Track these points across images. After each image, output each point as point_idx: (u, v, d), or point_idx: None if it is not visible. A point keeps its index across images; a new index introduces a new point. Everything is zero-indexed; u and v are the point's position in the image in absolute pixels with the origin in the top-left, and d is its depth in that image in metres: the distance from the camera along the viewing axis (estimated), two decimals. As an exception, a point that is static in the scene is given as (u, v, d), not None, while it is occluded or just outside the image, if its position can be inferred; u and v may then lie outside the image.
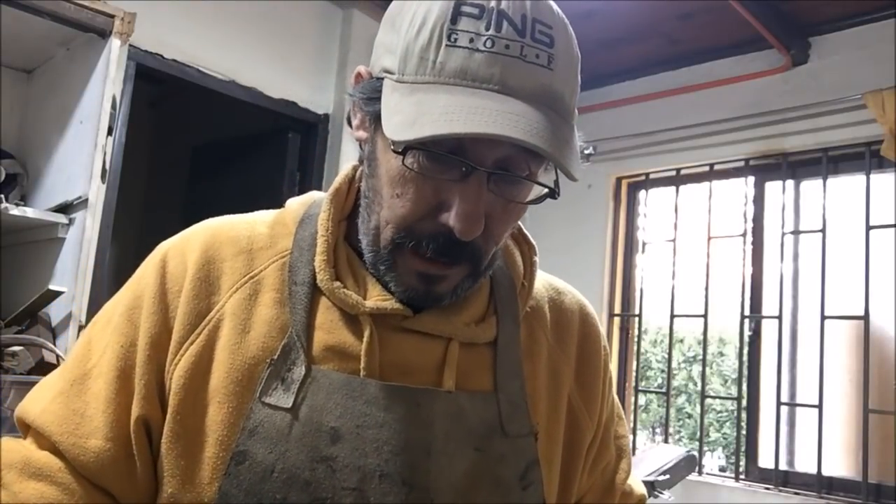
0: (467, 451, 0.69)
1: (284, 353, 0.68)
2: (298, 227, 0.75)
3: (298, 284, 0.71)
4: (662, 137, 3.41)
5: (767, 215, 3.22)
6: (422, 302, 0.70)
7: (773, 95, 3.09)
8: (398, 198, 0.67)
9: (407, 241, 0.67)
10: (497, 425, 0.71)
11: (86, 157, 2.11)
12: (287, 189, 3.10)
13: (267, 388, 0.67)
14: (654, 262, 3.61)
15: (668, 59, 3.40)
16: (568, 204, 3.73)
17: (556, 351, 0.81)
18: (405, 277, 0.69)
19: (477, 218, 0.64)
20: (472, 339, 0.73)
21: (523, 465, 0.72)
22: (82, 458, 0.68)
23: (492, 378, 0.73)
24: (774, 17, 2.89)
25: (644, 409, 5.86)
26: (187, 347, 0.69)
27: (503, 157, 0.64)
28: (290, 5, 3.12)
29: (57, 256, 2.12)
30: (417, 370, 0.70)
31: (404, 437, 0.66)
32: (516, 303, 0.78)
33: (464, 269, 0.69)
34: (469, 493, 0.68)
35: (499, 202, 0.67)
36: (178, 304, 0.71)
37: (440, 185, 0.65)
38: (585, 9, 3.01)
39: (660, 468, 2.39)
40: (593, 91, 3.75)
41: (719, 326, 5.78)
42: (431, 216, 0.66)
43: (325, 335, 0.70)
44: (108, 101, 2.13)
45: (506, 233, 0.70)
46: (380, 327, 0.70)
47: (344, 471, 0.65)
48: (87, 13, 2.11)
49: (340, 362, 0.69)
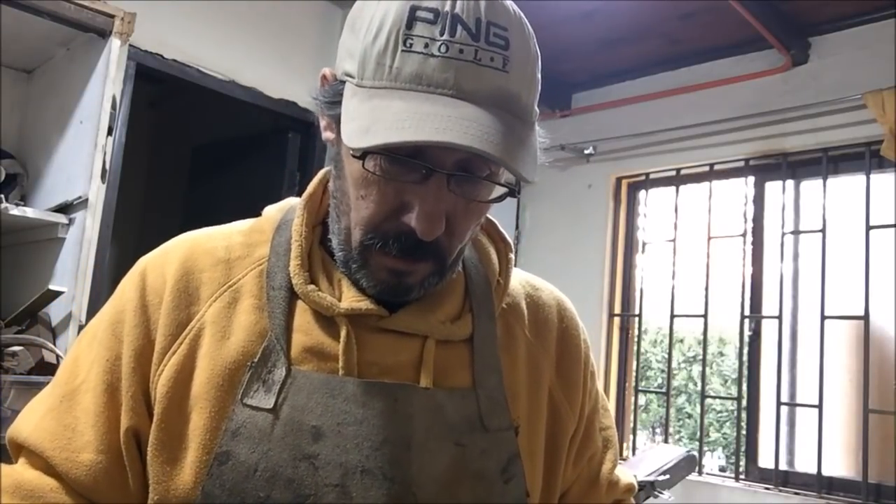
0: (448, 446, 0.70)
1: (265, 355, 0.70)
2: (275, 234, 0.77)
3: (276, 289, 0.73)
4: (662, 137, 3.41)
5: (767, 215, 3.22)
6: (392, 295, 0.72)
7: (773, 95, 3.09)
8: (363, 199, 0.69)
9: (375, 241, 0.69)
10: (477, 420, 0.72)
11: (86, 157, 2.11)
12: (287, 189, 3.10)
13: (248, 390, 0.68)
14: (654, 262, 3.61)
15: (668, 59, 3.40)
16: (568, 204, 3.74)
17: (535, 346, 0.82)
18: (376, 273, 0.71)
19: (437, 218, 0.66)
20: (448, 336, 0.74)
21: (504, 459, 0.73)
22: (75, 473, 0.69)
23: (469, 374, 0.74)
24: (774, 17, 2.89)
25: (644, 409, 5.86)
26: (169, 357, 0.71)
27: (462, 158, 0.66)
28: (290, 5, 3.12)
29: (57, 256, 2.12)
30: (394, 368, 0.71)
31: (384, 433, 0.67)
32: (492, 300, 0.80)
33: (430, 266, 0.71)
34: (451, 487, 0.69)
35: (460, 202, 0.68)
36: (160, 316, 0.72)
37: (402, 188, 0.67)
38: (585, 9, 3.01)
39: (660, 468, 2.38)
40: (593, 91, 3.75)
41: (719, 326, 5.78)
42: (395, 217, 0.68)
43: (304, 337, 0.71)
44: (108, 101, 2.13)
45: (469, 231, 0.72)
46: (356, 327, 0.71)
47: (326, 468, 0.66)
48: (87, 13, 2.11)
49: (319, 363, 0.70)
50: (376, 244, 0.69)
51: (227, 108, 3.24)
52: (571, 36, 3.25)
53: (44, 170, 2.32)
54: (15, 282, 2.29)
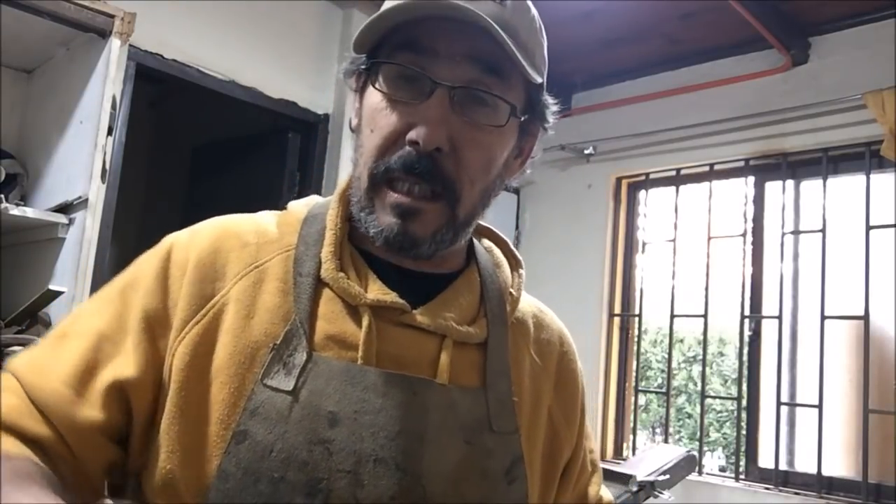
0: (458, 443, 0.71)
1: (287, 338, 0.70)
2: (303, 225, 0.79)
3: (303, 276, 0.74)
4: (662, 137, 3.41)
5: (767, 215, 3.22)
6: (399, 246, 0.73)
7: (773, 95, 3.09)
8: (373, 133, 0.73)
9: (380, 171, 0.72)
10: (485, 421, 0.74)
11: (86, 157, 2.11)
12: (287, 189, 3.10)
13: (269, 370, 0.69)
14: (654, 262, 3.61)
15: (669, 59, 3.40)
16: (568, 204, 3.74)
17: (538, 364, 0.84)
18: (382, 216, 0.73)
19: (437, 124, 0.69)
20: (465, 338, 0.76)
21: (509, 461, 0.74)
22: (38, 394, 0.68)
23: (481, 377, 0.76)
24: (774, 17, 2.89)
25: (644, 409, 5.86)
26: (191, 328, 0.71)
27: (466, 78, 0.71)
28: (290, 5, 3.12)
29: (57, 256, 2.12)
30: (412, 363, 0.72)
31: (400, 424, 0.68)
32: (505, 309, 0.82)
33: (440, 209, 0.73)
34: (458, 483, 0.70)
35: (465, 127, 0.71)
36: (182, 286, 0.73)
37: (406, 111, 0.71)
38: (585, 9, 3.01)
39: (660, 468, 2.39)
40: (593, 91, 3.75)
41: (719, 326, 5.78)
42: (400, 140, 0.71)
43: (327, 324, 0.72)
44: (108, 101, 2.13)
45: (478, 167, 0.74)
46: (378, 320, 0.72)
47: (340, 454, 0.67)
48: (87, 13, 2.11)
49: (340, 350, 0.71)
50: (382, 174, 0.72)
51: (227, 108, 3.24)
52: (571, 36, 3.25)
53: (44, 170, 2.31)
54: (15, 282, 2.29)
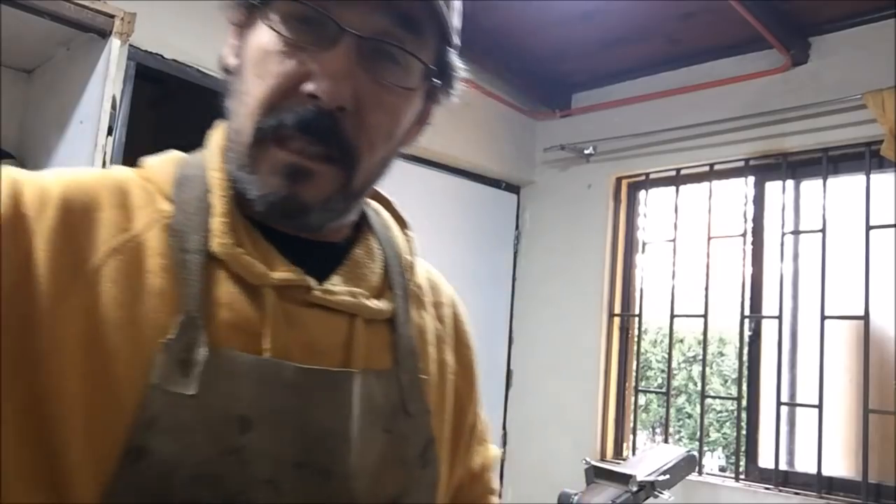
0: (379, 434, 0.65)
1: (182, 331, 0.58)
2: (176, 188, 0.66)
3: (190, 252, 0.61)
4: (662, 137, 3.41)
5: (767, 215, 3.22)
6: (284, 213, 0.63)
7: (773, 95, 3.09)
8: (259, 79, 0.62)
9: (268, 125, 0.61)
10: (400, 405, 0.68)
11: (86, 157, 2.11)
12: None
13: (164, 372, 0.57)
14: (654, 262, 3.61)
15: (668, 59, 3.40)
16: (568, 204, 3.74)
17: (440, 329, 0.79)
18: (267, 178, 0.62)
19: (342, 78, 0.60)
20: (374, 315, 0.69)
21: (422, 444, 0.70)
22: None
23: (391, 356, 0.70)
24: (774, 17, 2.89)
25: (644, 409, 5.86)
26: (56, 309, 0.55)
27: (378, 28, 0.61)
28: (290, 5, 3.12)
29: (57, 256, 2.12)
30: (326, 349, 0.65)
31: (323, 424, 0.61)
32: (405, 277, 0.75)
33: (334, 172, 0.63)
34: (380, 476, 0.65)
35: (372, 86, 0.62)
36: (40, 243, 0.57)
37: (303, 58, 0.61)
38: (585, 9, 3.01)
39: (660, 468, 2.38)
40: (593, 91, 3.75)
41: (719, 326, 5.78)
42: (296, 91, 0.61)
43: (226, 311, 0.61)
44: (108, 101, 2.13)
45: (381, 133, 0.65)
46: (283, 301, 0.63)
47: (256, 462, 0.58)
48: (87, 13, 2.11)
49: (245, 342, 0.61)
50: (270, 128, 0.61)
51: (227, 108, 3.24)
52: (571, 36, 3.25)
53: (44, 170, 2.31)
54: (15, 282, 2.29)
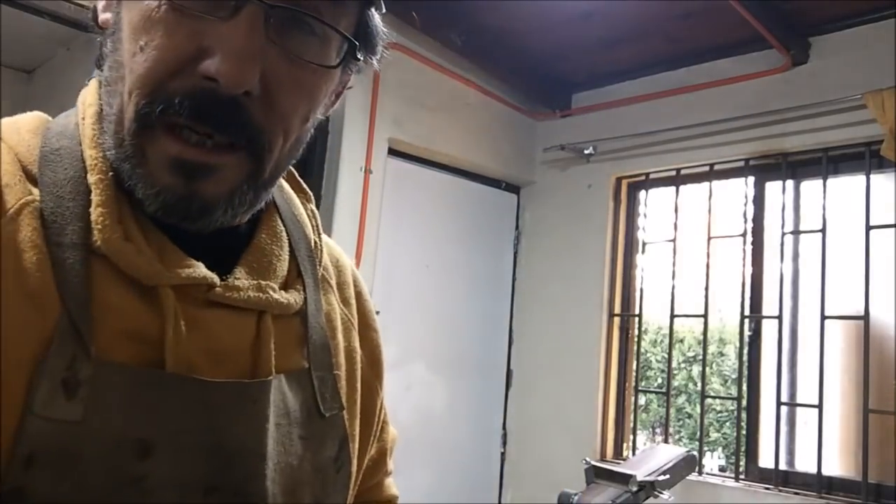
0: (296, 444, 0.59)
1: (61, 343, 0.48)
2: (42, 166, 0.54)
3: (66, 247, 0.51)
4: (662, 137, 3.41)
5: (767, 215, 3.22)
6: (182, 216, 0.53)
7: (773, 95, 3.09)
8: (142, 51, 0.51)
9: (155, 107, 0.50)
10: (315, 407, 0.62)
11: (86, 157, 2.11)
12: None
13: (43, 395, 0.47)
14: (654, 262, 3.61)
15: (668, 59, 3.40)
16: (568, 204, 3.74)
17: (345, 315, 0.72)
18: (157, 173, 0.52)
19: (247, 57, 0.50)
20: (284, 310, 0.61)
21: (337, 446, 0.64)
22: None
23: (304, 353, 0.63)
24: (774, 17, 2.89)
25: (644, 409, 5.86)
26: None
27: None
28: (290, 5, 3.11)
29: (57, 256, 2.12)
30: (233, 354, 0.57)
31: (237, 441, 0.54)
32: (314, 263, 0.67)
33: (240, 161, 0.53)
34: (296, 490, 0.59)
35: (283, 63, 0.53)
36: None
37: (198, 28, 0.50)
38: (585, 9, 3.01)
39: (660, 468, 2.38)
40: (593, 91, 3.75)
41: (719, 326, 5.79)
42: (187, 70, 0.51)
43: (113, 317, 0.51)
44: (108, 101, 2.13)
45: (297, 117, 0.56)
46: (181, 302, 0.54)
47: (160, 491, 0.50)
48: (88, 13, 2.11)
49: (140, 353, 0.52)
50: (157, 111, 0.50)
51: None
52: (571, 36, 3.25)
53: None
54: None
